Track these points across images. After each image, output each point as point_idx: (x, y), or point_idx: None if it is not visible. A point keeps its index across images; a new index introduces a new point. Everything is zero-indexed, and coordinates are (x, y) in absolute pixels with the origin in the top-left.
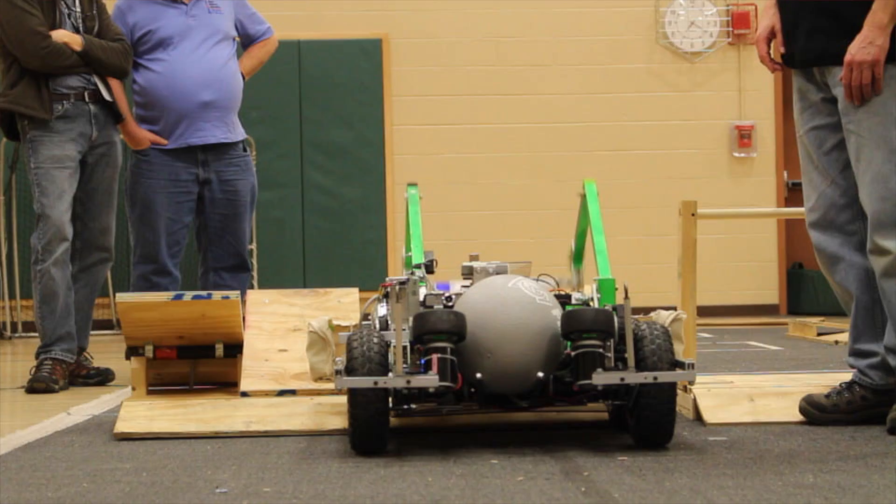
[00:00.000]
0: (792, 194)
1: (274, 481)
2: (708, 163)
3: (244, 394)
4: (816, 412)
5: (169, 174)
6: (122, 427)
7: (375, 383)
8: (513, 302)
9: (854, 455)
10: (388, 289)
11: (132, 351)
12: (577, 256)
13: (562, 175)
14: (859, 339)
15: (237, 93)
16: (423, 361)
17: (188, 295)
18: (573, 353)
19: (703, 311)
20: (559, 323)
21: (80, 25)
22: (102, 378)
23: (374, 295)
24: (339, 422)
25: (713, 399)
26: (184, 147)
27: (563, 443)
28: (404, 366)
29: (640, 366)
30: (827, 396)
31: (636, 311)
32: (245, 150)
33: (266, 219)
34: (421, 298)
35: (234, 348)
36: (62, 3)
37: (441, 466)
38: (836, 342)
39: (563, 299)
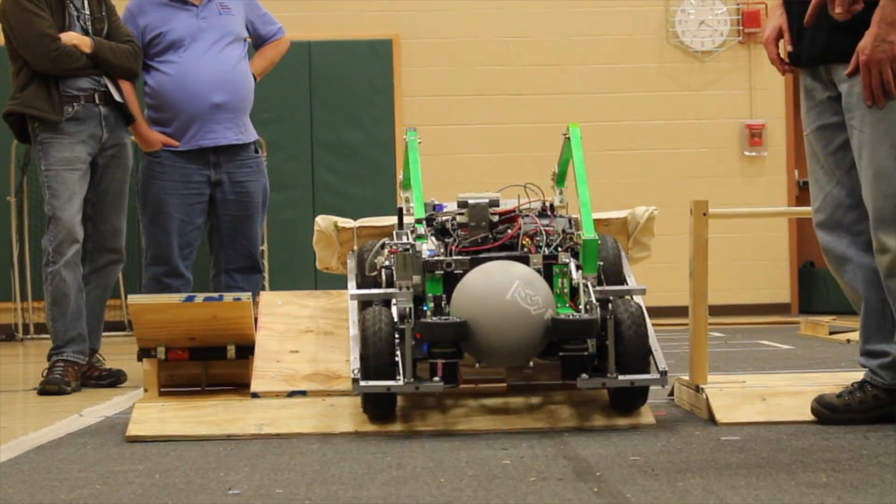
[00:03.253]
0: (803, 193)
1: (286, 483)
2: (719, 162)
3: (255, 395)
4: (828, 413)
5: (181, 176)
6: (134, 430)
7: (388, 389)
8: (512, 318)
9: (867, 454)
10: (395, 255)
11: (144, 352)
12: (560, 179)
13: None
14: (870, 340)
15: (249, 94)
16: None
17: (200, 297)
18: (560, 354)
19: (715, 311)
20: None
21: (90, 27)
22: (114, 380)
23: (380, 241)
24: (351, 424)
25: (725, 399)
26: (195, 149)
27: (575, 443)
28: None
29: (619, 353)
30: (839, 396)
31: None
32: (257, 151)
33: (277, 220)
34: (424, 257)
35: (246, 350)
36: (71, 5)
37: (453, 467)
38: (848, 341)
39: (551, 259)
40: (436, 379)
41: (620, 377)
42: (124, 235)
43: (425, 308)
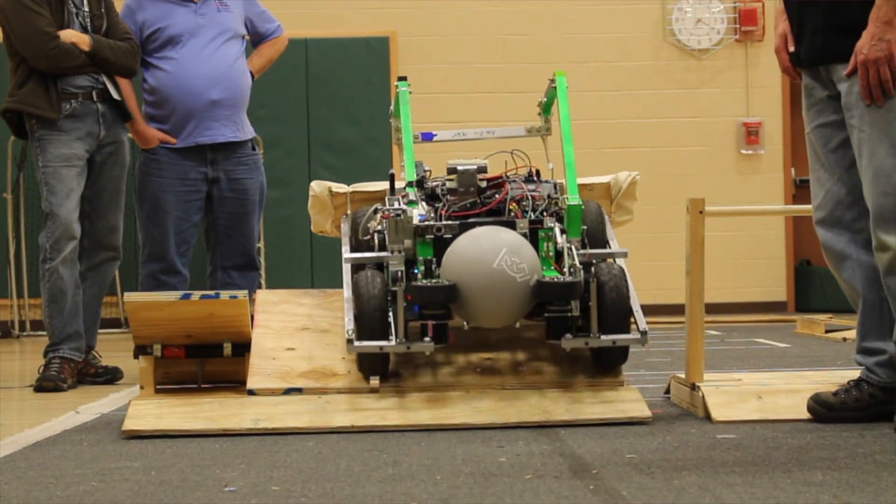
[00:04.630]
0: (799, 191)
1: (282, 480)
2: (715, 160)
3: (251, 392)
4: (824, 411)
5: (178, 173)
6: (130, 424)
7: (381, 349)
8: (498, 285)
9: (863, 453)
10: (387, 220)
11: (140, 350)
12: (546, 107)
13: None
14: (867, 337)
15: (245, 91)
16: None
17: (196, 294)
18: (545, 315)
19: (711, 309)
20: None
21: (89, 25)
22: (111, 377)
23: (372, 206)
24: (347, 419)
25: (721, 397)
26: (193, 146)
27: (571, 440)
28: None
29: (601, 314)
30: (835, 394)
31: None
32: (254, 148)
33: (274, 217)
34: (415, 222)
35: (243, 347)
36: (70, 2)
37: (449, 465)
38: (844, 339)
39: (536, 224)
40: (427, 339)
41: (602, 337)
42: (121, 233)
43: (416, 271)
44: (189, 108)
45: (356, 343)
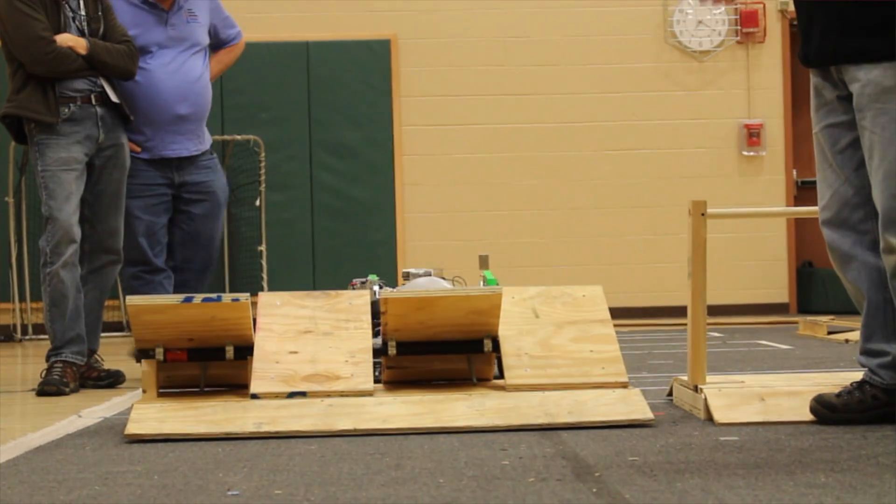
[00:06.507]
0: (801, 193)
1: (285, 484)
2: (717, 162)
3: (254, 396)
4: (827, 412)
5: (144, 179)
6: (132, 428)
7: None
8: None
9: (865, 454)
10: (354, 287)
11: (142, 353)
12: None
13: (571, 175)
14: (870, 339)
15: (209, 104)
16: None
17: (198, 297)
18: None
19: (713, 311)
20: None
21: (85, 28)
22: (113, 380)
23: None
24: (350, 422)
25: (724, 399)
26: (157, 158)
27: (574, 443)
28: None
29: None
30: (838, 396)
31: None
32: (212, 152)
33: (275, 220)
34: (376, 290)
35: (245, 350)
36: (67, 5)
37: (452, 468)
38: (847, 341)
39: None
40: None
41: None
42: (122, 236)
43: None
44: (157, 121)
45: None
